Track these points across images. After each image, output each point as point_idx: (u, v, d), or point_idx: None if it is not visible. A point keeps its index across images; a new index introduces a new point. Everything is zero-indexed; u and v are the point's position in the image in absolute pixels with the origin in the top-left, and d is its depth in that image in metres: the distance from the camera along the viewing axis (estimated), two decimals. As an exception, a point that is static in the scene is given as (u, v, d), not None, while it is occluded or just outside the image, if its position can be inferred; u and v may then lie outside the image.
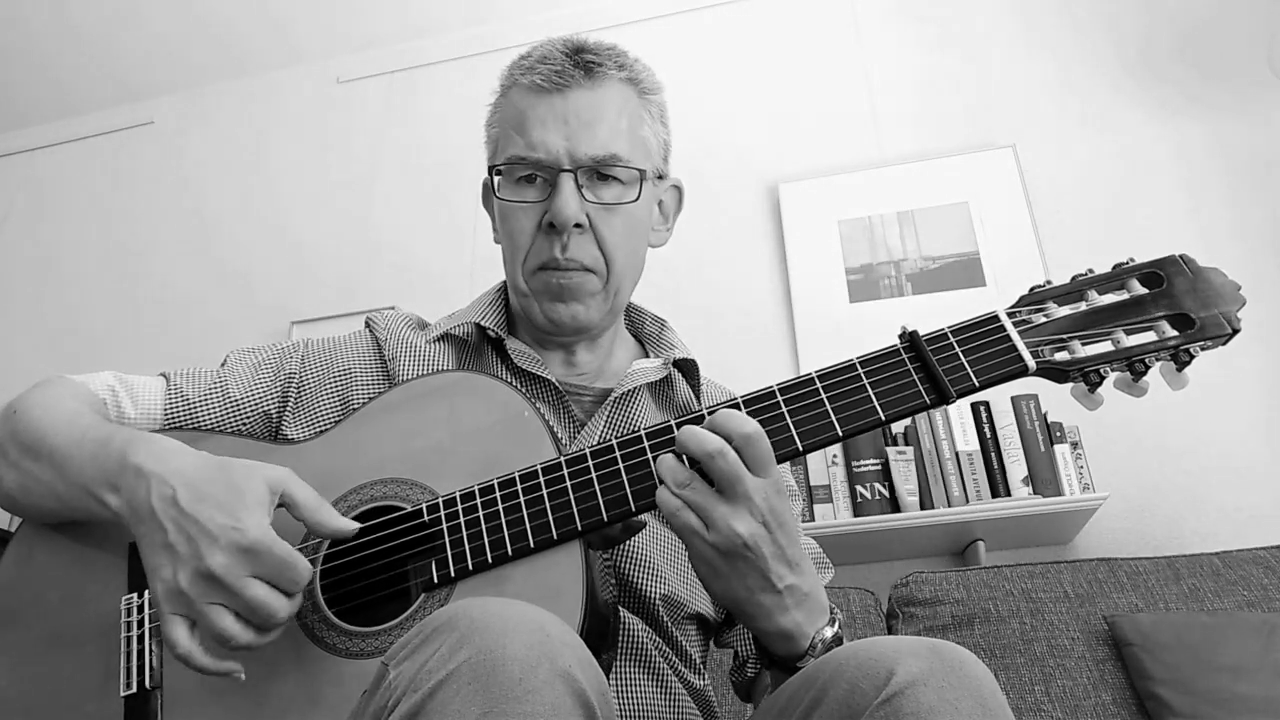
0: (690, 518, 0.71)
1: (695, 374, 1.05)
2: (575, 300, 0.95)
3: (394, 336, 1.00)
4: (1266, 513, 1.88)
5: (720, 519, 0.70)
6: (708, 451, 0.71)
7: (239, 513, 0.70)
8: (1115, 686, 1.46)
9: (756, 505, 0.70)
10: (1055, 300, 0.78)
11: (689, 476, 0.72)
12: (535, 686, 0.53)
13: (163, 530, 0.71)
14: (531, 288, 0.96)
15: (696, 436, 0.72)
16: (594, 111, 0.93)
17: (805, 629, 0.74)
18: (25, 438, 0.83)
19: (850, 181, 2.45)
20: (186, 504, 0.71)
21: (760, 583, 0.72)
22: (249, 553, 0.69)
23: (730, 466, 0.70)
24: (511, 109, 0.97)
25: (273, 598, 0.69)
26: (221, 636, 0.69)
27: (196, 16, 2.94)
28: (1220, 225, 2.17)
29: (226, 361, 1.01)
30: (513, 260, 0.97)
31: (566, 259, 0.93)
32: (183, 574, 0.69)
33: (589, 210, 0.93)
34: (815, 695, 0.63)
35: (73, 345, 2.88)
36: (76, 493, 0.79)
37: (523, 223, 0.95)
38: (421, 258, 2.71)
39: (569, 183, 0.91)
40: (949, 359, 0.75)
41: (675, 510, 0.72)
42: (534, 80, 0.94)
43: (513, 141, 0.95)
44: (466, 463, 0.80)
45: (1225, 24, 2.38)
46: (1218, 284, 0.75)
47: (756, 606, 0.73)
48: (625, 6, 2.90)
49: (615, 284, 0.97)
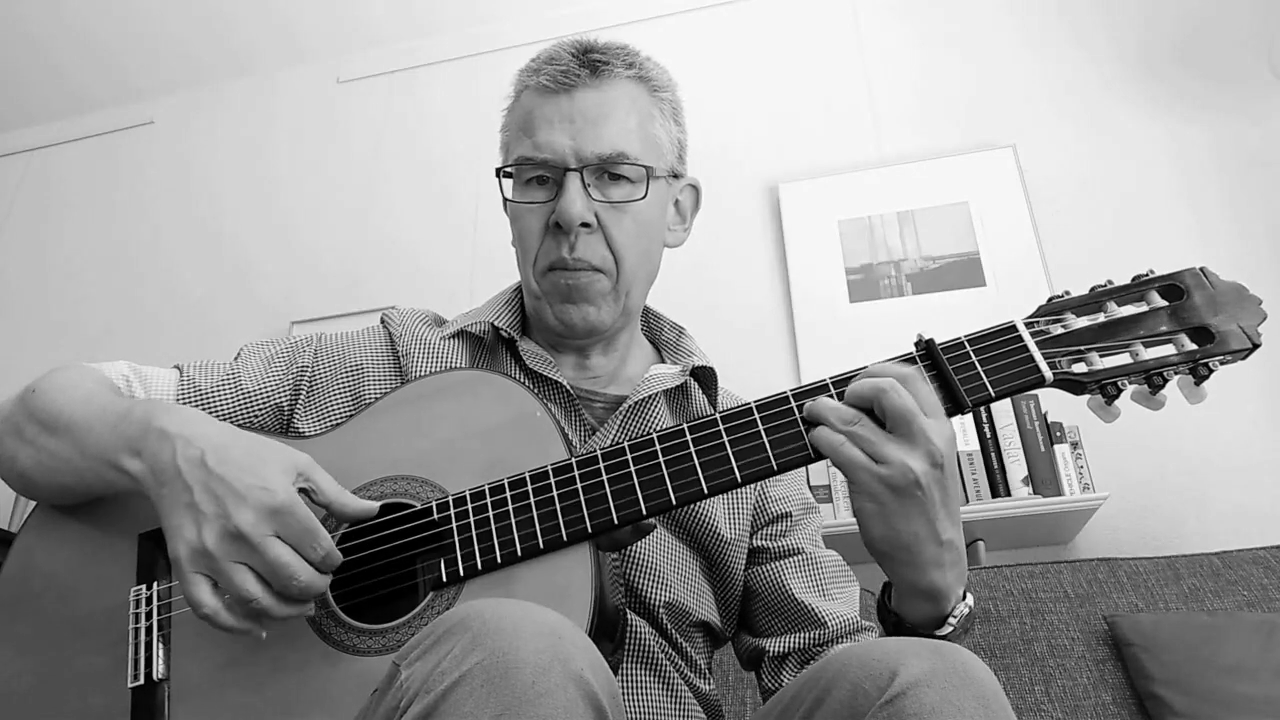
0: (855, 451, 0.69)
1: (713, 383, 1.03)
2: (585, 301, 0.94)
3: (409, 333, 0.99)
4: (1266, 513, 1.88)
5: (893, 454, 0.68)
6: (879, 387, 0.69)
7: (267, 475, 0.71)
8: (1115, 686, 1.46)
9: (933, 443, 0.68)
10: (1073, 311, 0.77)
11: (855, 415, 0.70)
12: (548, 689, 0.53)
13: (188, 490, 0.71)
14: (542, 289, 0.96)
15: (861, 380, 0.71)
16: (600, 110, 0.92)
17: (951, 592, 0.72)
18: (43, 415, 0.83)
19: (850, 181, 2.45)
20: (214, 464, 0.71)
21: (926, 530, 0.69)
22: (276, 514, 0.69)
23: (904, 401, 0.68)
24: (520, 111, 0.97)
25: (294, 559, 0.69)
26: (244, 595, 0.69)
27: (198, 16, 2.94)
28: (1220, 225, 2.18)
29: (240, 354, 1.01)
30: (524, 262, 0.97)
31: (575, 259, 0.92)
32: (209, 532, 0.69)
33: (597, 210, 0.92)
34: (818, 696, 0.63)
35: (73, 344, 2.88)
36: (95, 464, 0.79)
37: (532, 224, 0.94)
38: (422, 257, 2.71)
39: (575, 182, 0.90)
40: (965, 368, 0.74)
41: (839, 445, 0.69)
42: (541, 81, 0.94)
43: (520, 143, 0.94)
44: (477, 462, 0.80)
45: (1225, 24, 2.38)
46: (1238, 297, 0.75)
47: (915, 555, 0.70)
48: (625, 7, 2.90)
49: (626, 284, 0.95)
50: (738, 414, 0.76)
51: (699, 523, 0.94)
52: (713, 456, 0.75)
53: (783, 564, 0.97)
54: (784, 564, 0.97)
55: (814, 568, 0.98)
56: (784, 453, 0.74)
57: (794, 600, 0.94)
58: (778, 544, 0.99)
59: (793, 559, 0.98)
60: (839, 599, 0.96)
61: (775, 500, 1.01)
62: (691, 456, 0.75)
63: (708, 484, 0.74)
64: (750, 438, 0.75)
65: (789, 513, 1.01)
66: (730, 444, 0.75)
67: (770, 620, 0.96)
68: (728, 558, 0.95)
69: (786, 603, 0.95)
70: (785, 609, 0.95)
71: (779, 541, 0.99)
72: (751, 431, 0.75)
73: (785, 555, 0.98)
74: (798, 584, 0.95)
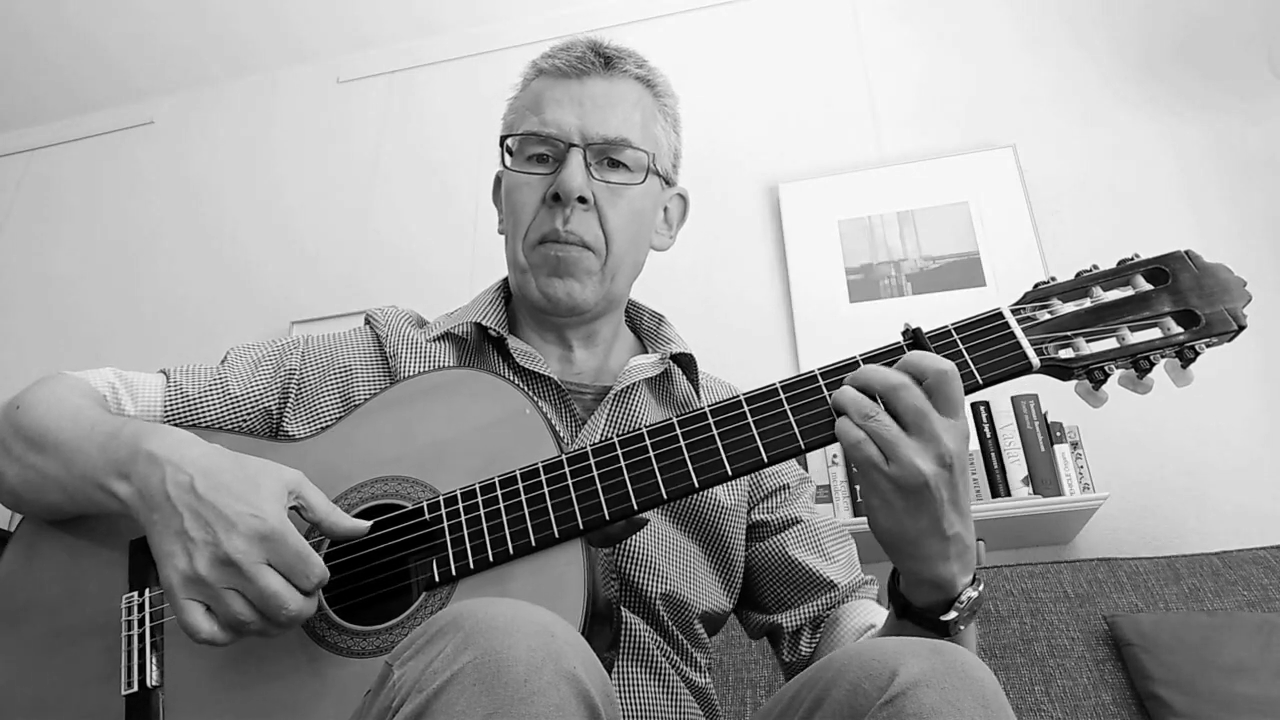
0: (872, 450, 0.69)
1: (694, 369, 1.05)
2: (571, 276, 0.95)
3: (395, 333, 1.00)
4: (1266, 513, 1.88)
5: (904, 453, 0.68)
6: (892, 384, 0.69)
7: (257, 502, 0.70)
8: (1115, 686, 1.46)
9: (945, 445, 0.68)
10: (1060, 296, 0.77)
11: (874, 408, 0.70)
12: (540, 687, 0.53)
13: (178, 516, 0.70)
14: (530, 262, 0.97)
15: (881, 371, 0.71)
16: (609, 99, 0.96)
17: (958, 581, 0.73)
18: (30, 432, 0.83)
19: (850, 181, 2.45)
20: (204, 491, 0.71)
21: (931, 525, 0.70)
22: (267, 540, 0.69)
23: (917, 401, 0.69)
24: (529, 92, 1.01)
25: (285, 589, 0.69)
26: (236, 622, 0.69)
27: (197, 16, 2.94)
28: (1220, 225, 2.17)
29: (227, 358, 1.00)
30: (514, 234, 0.98)
31: (567, 231, 0.94)
32: (200, 559, 0.68)
33: (595, 189, 0.94)
34: (817, 695, 0.63)
35: (73, 345, 2.88)
36: (83, 485, 0.78)
37: (528, 196, 0.96)
38: (422, 257, 2.71)
39: (577, 156, 0.93)
40: (953, 356, 0.74)
41: (857, 442, 0.70)
42: (554, 64, 0.98)
43: (526, 119, 0.98)
44: (468, 460, 0.80)
45: (1225, 24, 2.38)
46: (1223, 280, 0.74)
47: (919, 549, 0.71)
48: (626, 6, 2.90)
49: (613, 267, 0.97)
50: (727, 406, 0.76)
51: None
52: (703, 450, 0.75)
53: (784, 536, 1.00)
54: (785, 535, 1.00)
55: (813, 534, 1.01)
56: (774, 443, 0.74)
57: (802, 569, 0.97)
58: (777, 516, 1.01)
59: (793, 529, 1.01)
60: (839, 560, 1.00)
61: (772, 473, 1.03)
62: (681, 450, 0.75)
63: (698, 477, 0.74)
64: (740, 430, 0.75)
65: (786, 485, 1.04)
66: (720, 437, 0.75)
67: (782, 591, 0.99)
68: (727, 525, 0.97)
69: (795, 572, 0.98)
70: (795, 578, 0.98)
71: (778, 514, 1.01)
72: (741, 424, 0.75)
73: (786, 526, 1.01)
74: (801, 552, 0.99)
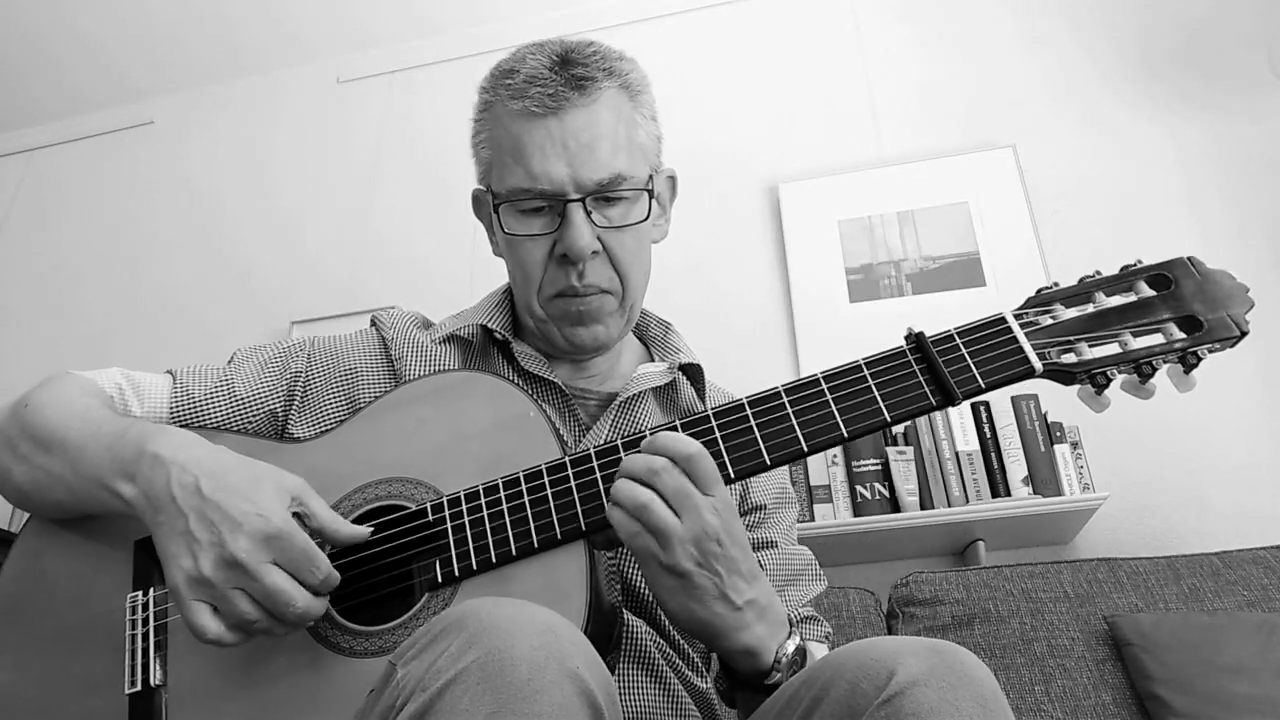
0: (648, 541, 0.71)
1: (700, 378, 1.05)
2: (596, 322, 0.95)
3: (401, 335, 1.00)
4: (1266, 513, 1.88)
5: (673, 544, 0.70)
6: (652, 469, 0.71)
7: (263, 502, 0.71)
8: (1115, 686, 1.46)
9: (707, 521, 0.70)
10: (1062, 302, 0.78)
11: (649, 497, 0.71)
12: (543, 687, 0.53)
13: (183, 517, 0.71)
14: (549, 314, 0.95)
15: (635, 458, 0.72)
16: (592, 131, 0.89)
17: (768, 644, 0.74)
18: (37, 431, 0.83)
19: (850, 181, 2.45)
20: (209, 491, 0.71)
21: (720, 604, 0.72)
22: (273, 540, 0.69)
23: (676, 482, 0.70)
24: (504, 133, 0.92)
25: (291, 586, 0.70)
26: (243, 621, 0.69)
27: (197, 16, 2.94)
28: (1220, 225, 2.17)
29: (233, 359, 1.01)
30: (525, 288, 0.95)
31: (585, 285, 0.92)
32: (205, 560, 0.69)
33: (600, 234, 0.91)
34: (816, 695, 0.63)
35: (73, 345, 2.88)
36: (89, 485, 0.79)
37: (534, 254, 0.92)
38: (421, 258, 2.71)
39: (578, 213, 0.89)
40: (955, 360, 0.75)
41: (633, 536, 0.71)
42: (526, 106, 0.89)
43: (512, 171, 0.91)
44: (471, 462, 0.80)
45: (1225, 24, 2.38)
46: (1226, 286, 0.75)
47: (716, 624, 0.73)
48: (625, 6, 2.90)
49: (631, 299, 0.97)
50: (730, 410, 0.77)
51: None
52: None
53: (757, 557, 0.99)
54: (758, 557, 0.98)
55: (784, 564, 1.00)
56: (776, 446, 0.75)
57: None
58: (752, 535, 1.00)
59: (766, 553, 1.00)
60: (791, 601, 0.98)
61: (754, 490, 1.03)
62: None
63: None
64: (742, 433, 0.76)
65: (764, 504, 1.03)
66: (722, 440, 0.76)
67: None
68: None
69: None
70: None
71: (754, 533, 1.01)
72: (744, 427, 0.76)
73: (759, 549, 1.00)
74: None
